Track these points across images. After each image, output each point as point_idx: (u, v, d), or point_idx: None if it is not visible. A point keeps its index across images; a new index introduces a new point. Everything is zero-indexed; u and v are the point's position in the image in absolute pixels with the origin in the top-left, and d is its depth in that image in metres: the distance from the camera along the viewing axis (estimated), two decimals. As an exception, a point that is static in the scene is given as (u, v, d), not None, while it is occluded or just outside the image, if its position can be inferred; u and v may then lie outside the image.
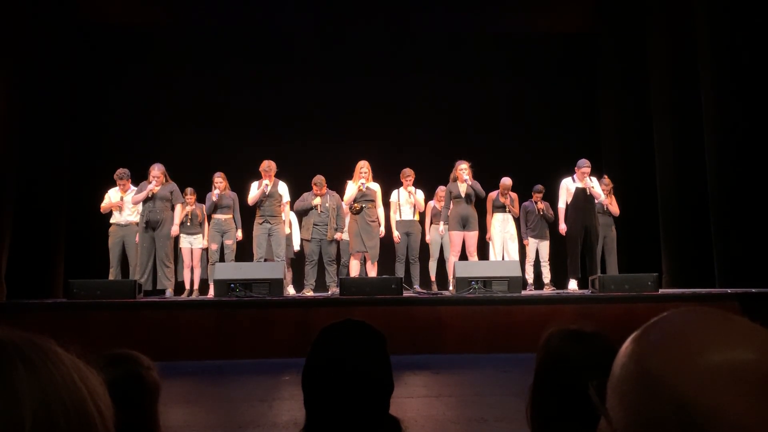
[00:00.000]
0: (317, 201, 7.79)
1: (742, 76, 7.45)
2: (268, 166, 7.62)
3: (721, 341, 0.52)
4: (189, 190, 7.83)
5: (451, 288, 7.49)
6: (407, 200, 8.01)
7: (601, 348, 1.23)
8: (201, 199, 7.94)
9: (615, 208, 8.18)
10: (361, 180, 7.58)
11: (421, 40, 10.32)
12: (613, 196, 8.22)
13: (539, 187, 8.48)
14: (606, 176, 8.31)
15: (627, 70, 9.83)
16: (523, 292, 7.15)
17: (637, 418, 0.52)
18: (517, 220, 8.35)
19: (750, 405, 0.48)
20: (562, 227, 7.75)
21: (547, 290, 8.10)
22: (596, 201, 7.75)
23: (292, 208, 8.02)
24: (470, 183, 7.62)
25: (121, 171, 7.78)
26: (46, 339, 0.52)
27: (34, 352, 0.49)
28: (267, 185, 7.57)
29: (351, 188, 7.70)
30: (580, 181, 7.65)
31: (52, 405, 0.47)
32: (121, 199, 7.77)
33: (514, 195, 8.25)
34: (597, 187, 7.68)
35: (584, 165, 7.62)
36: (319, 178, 7.84)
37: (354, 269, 7.70)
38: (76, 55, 9.17)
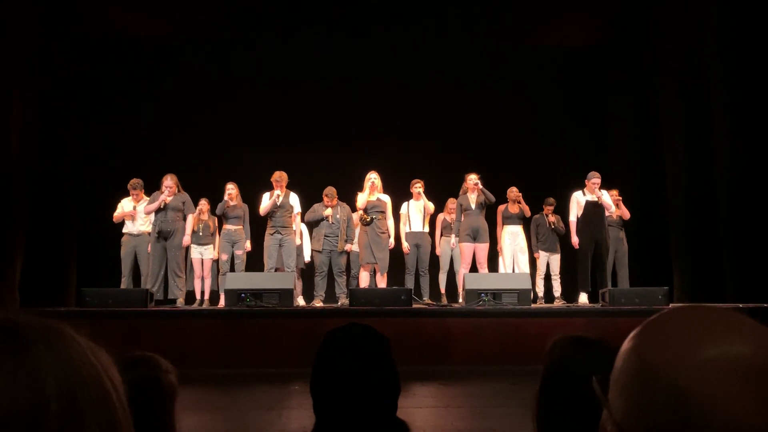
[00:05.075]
0: (328, 212, 7.82)
1: (752, 88, 7.44)
2: (279, 176, 7.67)
3: (718, 335, 0.55)
4: (203, 200, 7.90)
5: (460, 300, 7.49)
6: (418, 209, 8.03)
7: (605, 354, 1.25)
8: (213, 210, 8.01)
9: (625, 212, 8.18)
10: (371, 181, 7.63)
11: (432, 54, 10.37)
12: (620, 201, 8.22)
13: (550, 199, 8.49)
14: (615, 190, 8.32)
15: (637, 83, 9.83)
16: (533, 306, 7.13)
17: (635, 408, 0.55)
18: (527, 233, 8.35)
19: (743, 396, 0.51)
20: (575, 240, 7.74)
21: (558, 304, 8.08)
22: (606, 213, 7.76)
23: (303, 219, 8.05)
24: (481, 188, 7.67)
25: (134, 181, 7.86)
26: (60, 322, 0.55)
27: (51, 334, 0.53)
28: (279, 195, 7.62)
29: (362, 197, 7.74)
30: (590, 193, 7.66)
31: (72, 381, 0.50)
32: (134, 208, 7.84)
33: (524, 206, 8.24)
34: (606, 198, 7.70)
35: (594, 177, 7.65)
36: (330, 190, 7.88)
37: (363, 280, 7.71)
38: (90, 67, 9.28)
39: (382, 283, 7.63)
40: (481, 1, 9.26)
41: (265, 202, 7.69)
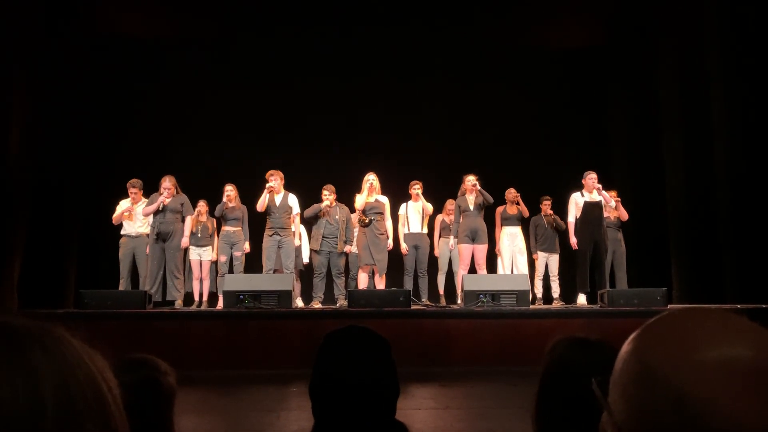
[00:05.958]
0: (326, 203, 7.78)
1: (751, 88, 7.45)
2: (272, 172, 7.69)
3: (718, 338, 0.55)
4: (202, 202, 7.90)
5: (459, 301, 7.48)
6: (417, 210, 8.03)
7: (606, 355, 1.24)
8: (212, 212, 8.01)
9: (623, 213, 8.16)
10: (369, 182, 7.62)
11: (432, 54, 10.36)
12: (619, 202, 8.23)
13: (546, 196, 8.48)
14: (614, 191, 8.32)
15: (637, 83, 9.84)
16: (532, 307, 7.13)
17: (636, 410, 0.55)
18: (526, 234, 8.34)
19: (743, 398, 0.51)
20: (573, 241, 7.75)
21: (556, 305, 8.08)
22: (605, 213, 7.78)
23: (302, 221, 8.04)
24: (479, 189, 7.67)
25: (134, 180, 7.86)
26: (56, 325, 0.55)
27: (47, 336, 0.53)
28: (272, 186, 7.60)
29: (360, 198, 7.73)
30: (588, 191, 7.69)
31: (68, 383, 0.50)
32: (131, 206, 7.82)
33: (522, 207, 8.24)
34: (604, 192, 7.74)
35: (590, 173, 7.75)
36: (329, 186, 7.88)
37: (362, 282, 7.71)
38: (90, 67, 9.27)
39: (380, 284, 7.63)
40: (481, 0, 9.27)
41: (263, 198, 7.68)
